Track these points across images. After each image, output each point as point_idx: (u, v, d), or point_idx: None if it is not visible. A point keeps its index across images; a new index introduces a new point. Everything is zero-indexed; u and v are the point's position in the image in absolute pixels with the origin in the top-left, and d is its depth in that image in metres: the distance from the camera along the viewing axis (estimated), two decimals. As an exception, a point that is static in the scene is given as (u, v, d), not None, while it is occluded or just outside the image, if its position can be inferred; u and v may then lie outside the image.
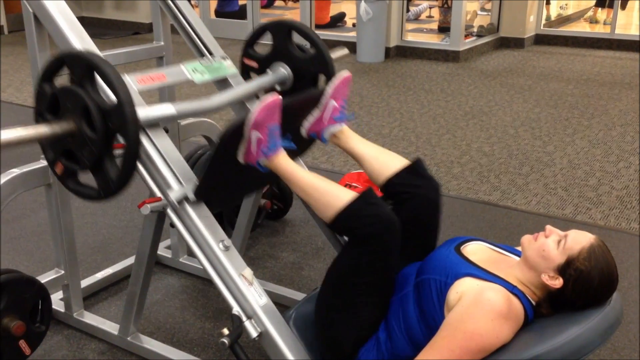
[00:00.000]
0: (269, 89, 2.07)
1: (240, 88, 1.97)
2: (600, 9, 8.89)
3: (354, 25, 7.48)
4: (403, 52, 7.09)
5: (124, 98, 1.44)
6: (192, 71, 1.91)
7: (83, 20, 8.66)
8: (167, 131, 1.76)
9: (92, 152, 1.52)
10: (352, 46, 7.05)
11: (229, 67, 2.05)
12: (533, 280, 1.48)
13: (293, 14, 9.27)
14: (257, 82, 2.02)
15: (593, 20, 8.89)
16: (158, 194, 1.68)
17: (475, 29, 7.66)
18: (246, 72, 2.14)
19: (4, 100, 5.17)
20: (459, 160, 3.93)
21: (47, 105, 1.56)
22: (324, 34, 7.54)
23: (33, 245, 2.83)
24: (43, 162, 1.98)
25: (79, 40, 1.73)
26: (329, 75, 2.02)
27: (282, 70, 2.04)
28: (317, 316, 1.66)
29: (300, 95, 1.87)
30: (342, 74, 1.87)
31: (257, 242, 2.87)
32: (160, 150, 1.68)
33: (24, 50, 6.02)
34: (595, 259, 1.42)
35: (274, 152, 1.65)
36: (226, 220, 2.65)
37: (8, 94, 5.36)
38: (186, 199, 1.65)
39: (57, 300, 2.27)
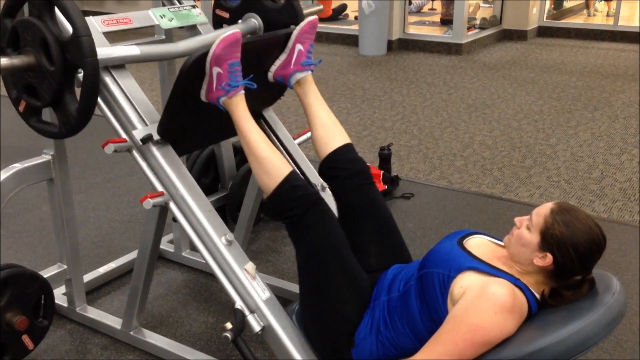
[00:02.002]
0: None
1: (209, 35, 1.94)
2: (595, 1, 8.81)
3: (356, 18, 7.46)
4: (405, 45, 7.06)
5: (81, 29, 1.44)
6: (160, 17, 1.90)
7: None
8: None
9: (51, 86, 1.52)
10: (354, 39, 7.04)
11: (198, 15, 2.04)
12: (530, 269, 1.48)
13: (295, 7, 9.22)
14: (226, 30, 2.00)
15: (590, 14, 8.80)
16: (122, 134, 1.68)
17: (477, 22, 7.63)
18: (218, 23, 2.13)
19: (3, 95, 5.17)
20: (461, 154, 3.92)
21: (7, 40, 1.56)
22: (326, 28, 7.52)
23: (36, 240, 2.83)
24: (45, 157, 1.98)
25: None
26: None
27: (253, 21, 2.02)
28: (304, 312, 1.70)
29: (264, 35, 1.87)
30: (309, 18, 1.87)
31: (259, 236, 2.87)
32: (125, 91, 1.67)
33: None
34: (560, 219, 1.43)
35: (234, 90, 1.67)
36: (229, 214, 2.65)
37: (10, 89, 5.36)
38: (151, 139, 1.65)
39: (59, 295, 2.27)
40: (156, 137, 1.67)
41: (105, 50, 1.64)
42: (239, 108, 1.69)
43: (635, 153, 3.90)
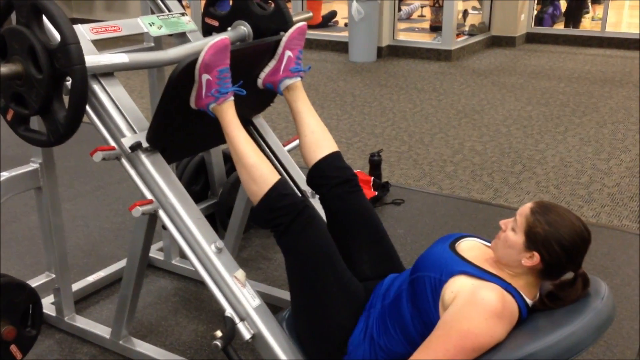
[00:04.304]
0: None
1: (198, 42, 1.94)
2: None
3: (345, 25, 7.48)
4: (395, 52, 7.09)
5: (69, 37, 1.43)
6: (149, 24, 1.90)
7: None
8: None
9: (39, 94, 1.51)
10: (344, 46, 7.06)
11: (188, 23, 2.04)
12: (520, 272, 1.48)
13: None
14: (215, 37, 2.01)
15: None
16: (111, 142, 1.67)
17: (466, 28, 7.67)
18: (207, 32, 2.12)
19: None
20: (451, 159, 3.93)
21: None
22: (316, 34, 7.54)
23: (24, 249, 2.81)
24: (33, 165, 1.97)
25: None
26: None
27: (242, 28, 2.02)
28: (295, 319, 1.69)
29: (253, 42, 1.87)
30: (298, 24, 1.87)
31: (249, 244, 2.86)
32: (114, 98, 1.67)
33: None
34: (541, 217, 1.44)
35: (224, 96, 1.66)
36: (219, 221, 2.64)
37: None
38: (140, 147, 1.65)
39: (48, 304, 2.25)
40: (145, 144, 1.66)
41: (93, 58, 1.64)
42: (228, 114, 1.69)
43: (623, 158, 3.93)
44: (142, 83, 5.71)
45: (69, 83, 1.50)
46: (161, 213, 1.68)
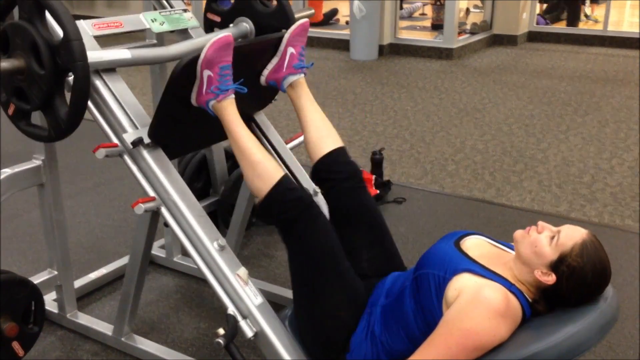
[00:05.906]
0: None
1: (200, 39, 1.94)
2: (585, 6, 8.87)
3: (347, 23, 7.47)
4: (396, 50, 7.08)
5: (72, 33, 1.44)
6: (151, 20, 1.90)
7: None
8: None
9: (41, 90, 1.51)
10: (345, 44, 7.05)
11: (190, 19, 2.04)
12: (527, 276, 1.47)
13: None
14: (217, 34, 2.01)
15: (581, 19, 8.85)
16: (113, 138, 1.68)
17: (468, 27, 7.66)
18: (209, 27, 2.12)
19: None
20: (453, 158, 3.93)
21: None
22: (317, 32, 7.52)
23: (26, 246, 2.81)
24: (35, 162, 1.97)
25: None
26: None
27: (244, 25, 2.02)
28: (297, 318, 1.69)
29: (255, 39, 1.87)
30: (300, 21, 1.88)
31: (251, 241, 2.86)
32: (116, 94, 1.68)
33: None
34: (587, 254, 1.41)
35: (224, 94, 1.66)
36: (221, 219, 2.64)
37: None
38: (141, 142, 1.65)
39: (50, 301, 2.25)
40: (147, 140, 1.66)
41: (95, 54, 1.64)
42: (229, 112, 1.68)
43: (625, 157, 3.93)
44: (144, 80, 5.70)
45: (71, 79, 1.50)
46: (163, 210, 1.68)
